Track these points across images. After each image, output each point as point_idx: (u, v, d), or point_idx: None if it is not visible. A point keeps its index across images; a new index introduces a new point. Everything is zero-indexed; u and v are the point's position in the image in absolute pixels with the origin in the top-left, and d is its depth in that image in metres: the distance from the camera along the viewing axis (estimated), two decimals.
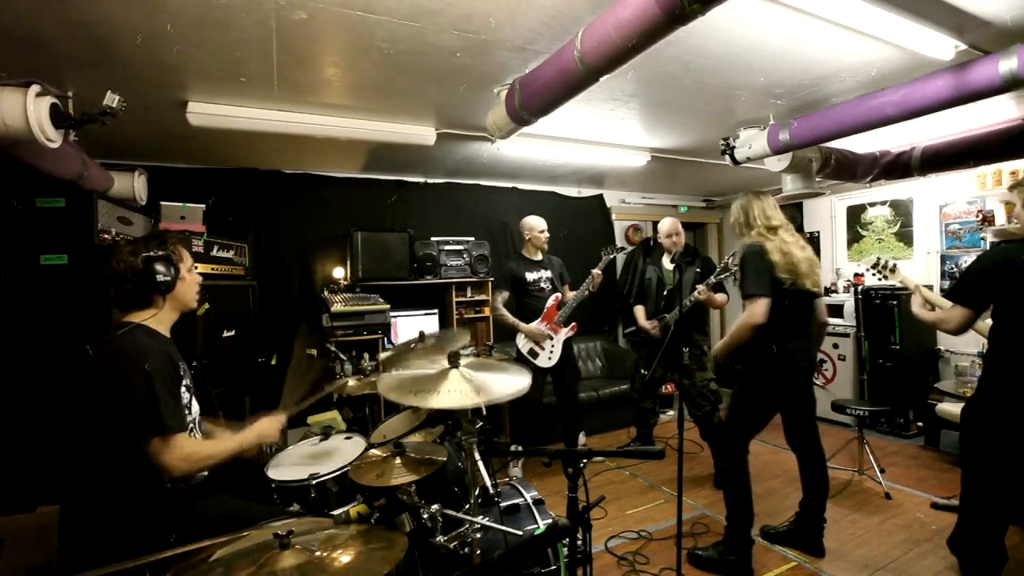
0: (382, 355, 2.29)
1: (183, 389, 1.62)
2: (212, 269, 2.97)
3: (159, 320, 1.65)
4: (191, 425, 1.65)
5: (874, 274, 2.73)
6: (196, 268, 1.80)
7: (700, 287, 3.13)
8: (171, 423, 1.47)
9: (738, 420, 2.42)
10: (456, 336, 2.10)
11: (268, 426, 1.76)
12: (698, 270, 3.38)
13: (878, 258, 2.72)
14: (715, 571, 2.39)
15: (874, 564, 2.42)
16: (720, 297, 3.32)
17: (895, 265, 2.66)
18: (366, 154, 3.71)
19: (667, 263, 3.62)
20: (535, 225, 3.66)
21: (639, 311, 3.70)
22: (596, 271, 3.47)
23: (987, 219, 4.06)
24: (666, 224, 3.57)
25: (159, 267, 1.61)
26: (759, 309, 2.24)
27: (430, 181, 4.55)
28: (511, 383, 1.53)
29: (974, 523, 2.08)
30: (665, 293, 3.52)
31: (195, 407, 1.74)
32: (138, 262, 1.59)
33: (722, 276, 3.08)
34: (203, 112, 2.53)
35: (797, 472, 2.56)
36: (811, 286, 2.34)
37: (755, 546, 2.44)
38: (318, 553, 1.08)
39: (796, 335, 2.35)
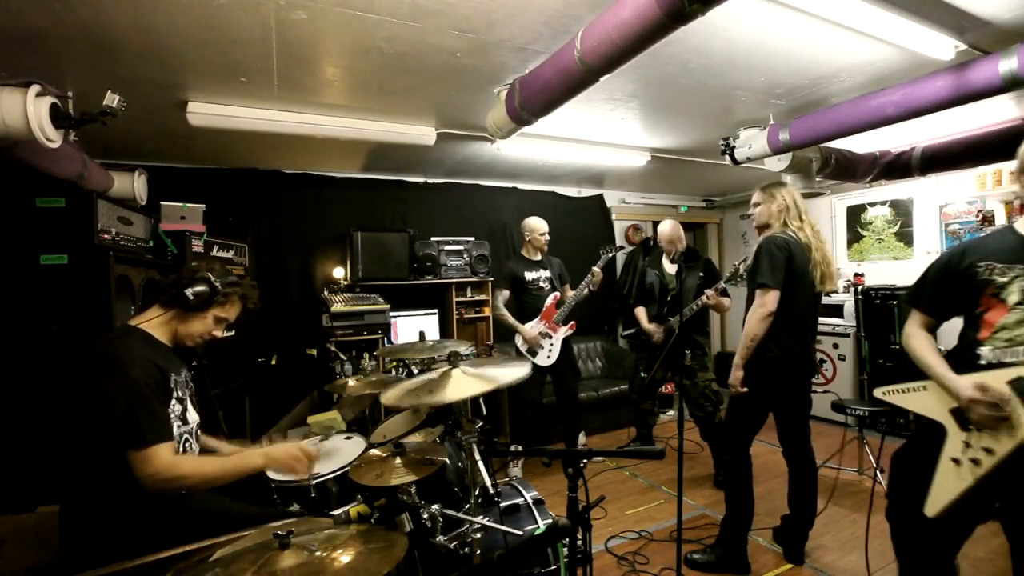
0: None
1: (174, 401, 1.58)
2: None
3: (164, 327, 1.64)
4: (184, 437, 1.61)
5: None
6: (225, 323, 1.73)
7: (709, 291, 3.07)
8: (150, 435, 1.40)
9: (737, 417, 2.42)
10: None
11: (285, 453, 1.59)
12: (701, 274, 3.37)
13: None
14: (713, 571, 2.39)
15: (874, 564, 2.42)
16: (726, 301, 3.29)
17: None
18: (366, 154, 3.71)
19: (667, 265, 3.61)
20: (536, 227, 3.66)
21: (641, 313, 3.69)
22: (596, 268, 3.45)
23: (987, 219, 4.06)
24: (666, 229, 3.54)
25: (196, 286, 1.60)
26: (771, 300, 2.22)
27: (430, 181, 4.55)
28: (512, 372, 1.62)
29: None
30: (669, 299, 3.51)
31: (192, 418, 1.69)
32: (197, 272, 1.63)
33: (730, 283, 2.98)
34: (203, 112, 2.53)
35: None
36: (821, 283, 2.31)
37: (756, 546, 2.44)
38: (318, 553, 1.08)
39: (800, 330, 2.32)
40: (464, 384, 1.55)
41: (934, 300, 1.63)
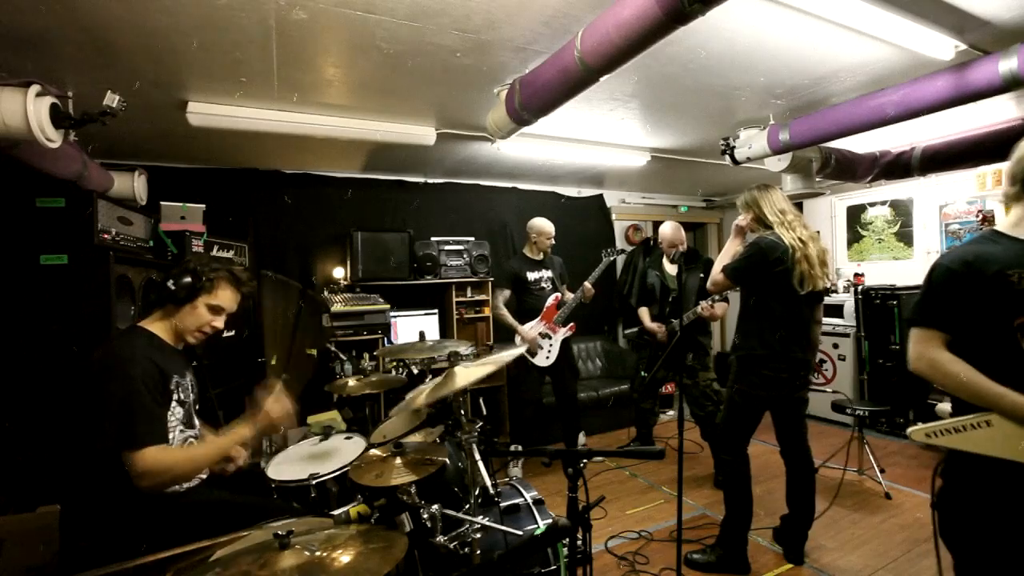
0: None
1: (173, 403, 1.58)
2: None
3: (163, 325, 1.64)
4: (189, 441, 1.62)
5: None
6: (221, 312, 1.70)
7: (704, 303, 3.07)
8: (143, 436, 1.40)
9: (733, 417, 2.42)
10: None
11: (271, 408, 1.62)
12: (701, 275, 3.36)
13: None
14: (713, 571, 2.39)
15: (874, 564, 2.42)
16: (720, 308, 3.29)
17: None
18: (366, 154, 3.71)
19: (668, 266, 3.61)
20: (544, 229, 3.65)
21: (644, 313, 3.69)
22: (587, 284, 3.47)
23: (987, 219, 4.06)
24: (667, 232, 3.52)
25: (180, 279, 1.61)
26: (722, 284, 2.41)
27: (430, 181, 4.55)
28: (510, 352, 1.75)
29: None
30: (671, 299, 3.50)
31: (196, 423, 1.70)
32: (183, 268, 1.64)
33: (719, 298, 3.01)
34: (203, 112, 2.52)
35: None
36: (811, 284, 2.28)
37: (756, 546, 2.43)
38: (318, 553, 1.08)
39: (780, 329, 2.28)
40: (470, 372, 1.59)
41: (954, 314, 1.39)
